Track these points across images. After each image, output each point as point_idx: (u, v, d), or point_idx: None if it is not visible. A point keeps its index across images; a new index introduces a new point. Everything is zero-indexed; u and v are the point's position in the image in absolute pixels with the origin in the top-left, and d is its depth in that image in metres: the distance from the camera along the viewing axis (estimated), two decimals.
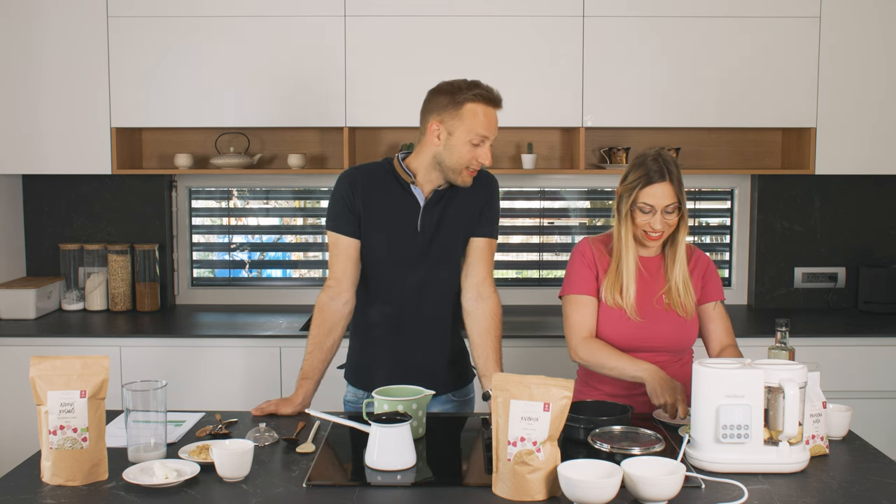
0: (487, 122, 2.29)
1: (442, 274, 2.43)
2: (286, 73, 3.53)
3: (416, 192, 2.39)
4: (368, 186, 2.40)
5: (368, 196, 2.39)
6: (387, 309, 2.45)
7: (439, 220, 2.39)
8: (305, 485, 1.83)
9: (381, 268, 2.43)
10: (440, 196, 2.40)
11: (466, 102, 2.27)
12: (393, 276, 2.42)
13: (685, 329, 2.43)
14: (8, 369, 3.33)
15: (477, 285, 2.44)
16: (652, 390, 2.27)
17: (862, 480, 1.88)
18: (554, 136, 3.89)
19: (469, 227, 2.43)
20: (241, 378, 3.33)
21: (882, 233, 3.95)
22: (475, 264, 2.44)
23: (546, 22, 3.52)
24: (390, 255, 2.40)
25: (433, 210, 2.39)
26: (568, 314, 2.46)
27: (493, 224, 2.47)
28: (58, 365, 1.85)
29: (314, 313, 2.45)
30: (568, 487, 1.70)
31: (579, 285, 2.44)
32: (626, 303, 2.39)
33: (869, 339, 3.40)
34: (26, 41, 3.52)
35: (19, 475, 1.89)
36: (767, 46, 3.53)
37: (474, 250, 2.44)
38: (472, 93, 2.28)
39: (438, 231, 2.39)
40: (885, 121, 3.57)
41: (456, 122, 2.28)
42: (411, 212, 2.39)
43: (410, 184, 2.39)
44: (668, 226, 2.36)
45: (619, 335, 2.41)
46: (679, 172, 2.36)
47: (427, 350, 2.46)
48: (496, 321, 2.43)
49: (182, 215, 4.01)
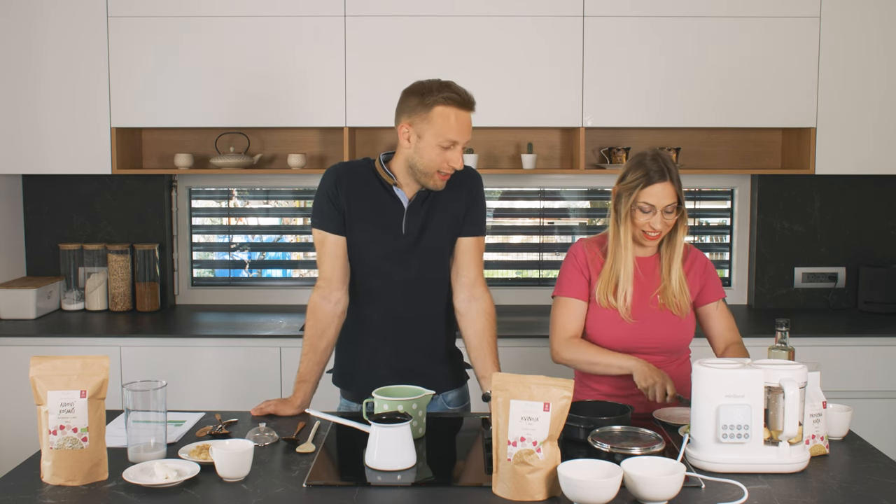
0: (458, 126, 2.22)
1: (429, 275, 2.39)
2: (286, 73, 3.53)
3: (400, 193, 2.35)
4: (353, 184, 2.35)
5: (353, 194, 2.34)
6: (373, 311, 2.40)
7: (424, 222, 2.35)
8: (305, 485, 1.83)
9: (365, 268, 2.38)
10: (424, 197, 2.36)
11: (436, 105, 2.20)
12: (379, 278, 2.38)
13: (680, 328, 2.43)
14: (8, 369, 3.33)
15: (469, 286, 2.40)
16: (639, 374, 2.29)
17: (862, 480, 1.88)
18: (554, 136, 3.89)
19: (455, 227, 2.38)
20: (241, 378, 3.33)
21: (882, 233, 3.95)
22: (465, 265, 2.39)
23: (546, 22, 3.51)
24: (375, 256, 2.36)
25: (418, 211, 2.35)
26: (554, 316, 2.46)
27: (480, 222, 2.42)
28: (58, 365, 1.85)
29: (307, 315, 2.41)
30: (568, 487, 1.69)
31: (568, 288, 2.44)
32: (620, 304, 2.39)
33: (869, 339, 3.40)
34: (26, 41, 3.52)
35: (19, 475, 1.89)
36: (767, 46, 3.53)
37: (464, 250, 2.39)
38: (443, 95, 2.20)
39: (424, 233, 2.35)
40: (885, 121, 3.57)
41: (425, 126, 2.22)
42: (396, 213, 2.35)
43: (393, 185, 2.35)
44: (667, 225, 2.36)
45: (613, 336, 2.40)
46: (678, 171, 2.36)
47: (416, 353, 2.41)
48: (491, 321, 2.40)
49: (182, 215, 4.01)
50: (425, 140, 2.23)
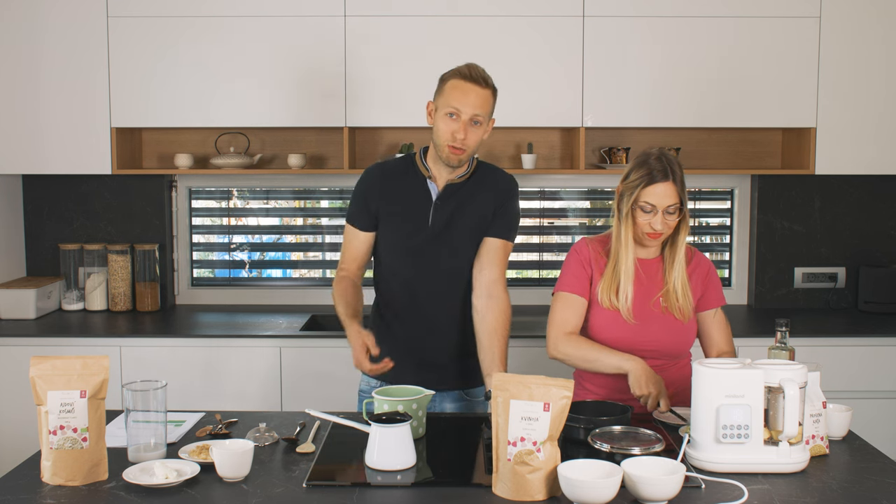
0: (462, 95, 2.35)
1: (452, 269, 2.47)
2: (286, 74, 3.53)
3: (432, 186, 2.47)
4: (387, 182, 2.50)
5: (386, 192, 2.49)
6: (397, 300, 2.51)
7: (451, 216, 2.45)
8: (305, 485, 1.83)
9: (392, 260, 2.51)
10: (453, 191, 2.46)
11: (449, 80, 2.40)
12: (403, 268, 2.49)
13: (682, 333, 2.41)
14: (8, 369, 3.33)
15: (488, 284, 2.44)
16: (635, 380, 2.26)
17: (862, 480, 1.88)
18: (554, 136, 3.89)
19: (482, 226, 2.47)
20: (241, 378, 3.33)
21: (882, 233, 3.95)
22: (487, 264, 2.46)
23: (546, 22, 3.51)
24: (401, 247, 2.48)
25: (446, 205, 2.46)
26: (553, 310, 2.45)
27: (508, 226, 2.49)
28: (58, 365, 1.85)
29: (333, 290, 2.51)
30: (568, 487, 1.70)
31: (570, 284, 2.43)
32: (621, 305, 2.38)
33: (869, 339, 3.40)
34: (26, 41, 3.52)
35: (19, 475, 1.90)
36: (767, 46, 3.53)
37: (487, 250, 2.47)
38: (454, 70, 2.41)
39: (449, 227, 2.45)
40: (885, 121, 3.56)
41: (440, 100, 2.40)
42: (424, 206, 2.47)
43: (427, 178, 2.47)
44: (669, 226, 2.35)
45: (614, 337, 2.39)
46: (682, 173, 2.34)
47: (435, 344, 2.49)
48: (504, 322, 2.42)
49: (182, 215, 4.01)
50: (438, 112, 2.40)
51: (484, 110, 2.38)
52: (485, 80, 2.39)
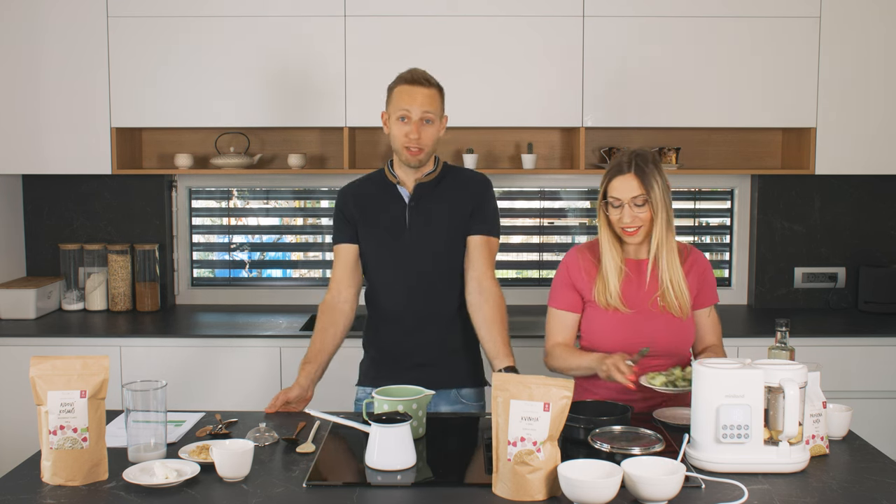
0: (409, 98, 2.42)
1: (437, 269, 2.51)
2: (286, 74, 3.53)
3: (402, 191, 2.52)
4: (360, 198, 2.55)
5: (360, 205, 2.54)
6: (387, 305, 2.54)
7: (427, 216, 2.50)
8: (305, 485, 1.83)
9: (377, 267, 2.54)
10: (425, 192, 2.51)
11: (395, 87, 2.47)
12: (389, 274, 2.52)
13: (681, 330, 2.42)
14: (8, 369, 3.33)
15: (478, 279, 2.48)
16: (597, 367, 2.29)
17: (862, 480, 1.88)
18: (554, 136, 3.89)
19: (461, 225, 2.51)
20: (241, 378, 3.33)
21: (882, 233, 3.95)
22: (474, 261, 2.50)
23: (546, 22, 3.51)
24: (384, 254, 2.51)
25: (420, 205, 2.50)
26: (546, 325, 2.52)
27: (488, 222, 2.53)
28: (58, 365, 1.85)
29: (318, 311, 2.57)
30: (568, 487, 1.70)
31: (555, 299, 2.50)
32: (613, 301, 2.39)
33: (869, 339, 3.40)
34: (26, 41, 3.52)
35: (19, 475, 1.90)
36: (767, 46, 3.53)
37: (472, 248, 2.51)
38: (398, 77, 2.47)
39: (427, 227, 2.49)
40: (885, 121, 3.56)
41: (390, 107, 2.47)
42: (400, 210, 2.51)
43: (396, 184, 2.52)
44: (639, 219, 2.35)
45: (614, 339, 2.40)
46: (653, 167, 2.34)
47: (427, 345, 2.51)
48: (499, 311, 2.46)
49: (182, 215, 4.01)
50: (391, 119, 2.47)
51: (433, 108, 2.44)
52: (427, 80, 2.45)
